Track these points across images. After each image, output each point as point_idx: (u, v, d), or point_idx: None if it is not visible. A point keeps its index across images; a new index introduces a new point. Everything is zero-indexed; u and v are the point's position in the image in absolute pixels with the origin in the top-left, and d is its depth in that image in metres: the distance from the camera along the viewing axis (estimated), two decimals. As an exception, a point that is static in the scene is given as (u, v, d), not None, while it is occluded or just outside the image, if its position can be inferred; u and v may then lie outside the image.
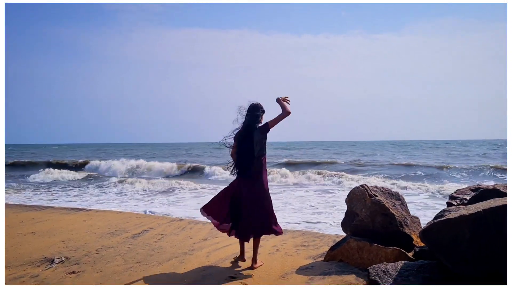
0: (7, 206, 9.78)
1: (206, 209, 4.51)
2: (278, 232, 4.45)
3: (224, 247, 5.40)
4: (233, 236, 4.57)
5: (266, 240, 5.82)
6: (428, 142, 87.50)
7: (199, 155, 38.86)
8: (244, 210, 4.34)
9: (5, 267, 4.56)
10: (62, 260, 4.79)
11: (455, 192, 4.93)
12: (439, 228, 3.29)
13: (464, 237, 3.12)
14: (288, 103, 4.33)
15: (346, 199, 5.10)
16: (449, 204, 4.58)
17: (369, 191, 4.79)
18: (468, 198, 4.54)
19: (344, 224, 5.06)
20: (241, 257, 4.68)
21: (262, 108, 4.46)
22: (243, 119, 4.44)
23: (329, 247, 4.89)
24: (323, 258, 4.79)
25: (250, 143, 4.31)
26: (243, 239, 4.52)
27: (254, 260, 4.44)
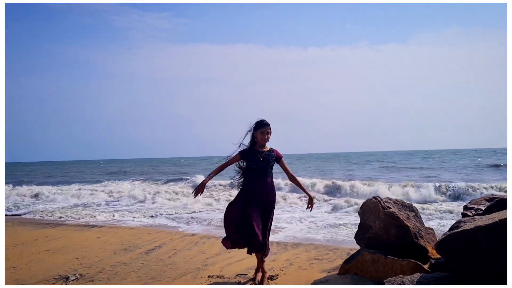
0: (21, 223, 9.87)
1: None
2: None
3: (237, 261, 5.38)
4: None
5: (279, 254, 5.80)
6: (437, 151, 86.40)
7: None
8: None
9: (21, 285, 4.60)
10: (77, 277, 4.81)
11: (469, 202, 4.88)
12: (455, 239, 3.25)
13: (481, 248, 3.08)
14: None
15: (359, 211, 5.07)
16: (464, 215, 4.53)
17: (382, 203, 4.76)
18: (483, 208, 4.48)
19: (358, 237, 5.03)
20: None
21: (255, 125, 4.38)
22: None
23: (343, 260, 4.85)
24: (337, 272, 4.75)
25: None
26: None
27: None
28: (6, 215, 11.93)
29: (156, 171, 38.79)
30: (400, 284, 3.49)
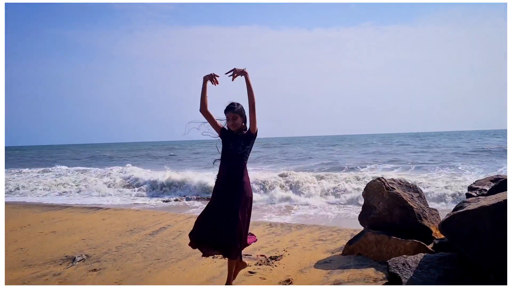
0: (27, 206, 9.97)
1: None
2: None
3: (241, 242, 5.42)
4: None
5: (283, 235, 5.84)
6: (446, 133, 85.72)
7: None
8: None
9: (28, 266, 4.66)
10: (83, 258, 4.87)
11: (474, 183, 4.86)
12: (459, 219, 3.24)
13: (484, 229, 3.07)
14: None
15: (363, 192, 5.08)
16: (468, 196, 4.52)
17: (386, 184, 4.76)
18: (487, 189, 4.46)
19: (362, 218, 5.04)
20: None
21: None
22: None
23: (347, 241, 4.87)
24: (341, 252, 4.78)
25: None
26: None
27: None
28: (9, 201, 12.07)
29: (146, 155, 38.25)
30: (403, 264, 3.51)
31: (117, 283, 4.00)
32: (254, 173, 13.13)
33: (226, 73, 3.49)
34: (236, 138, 3.54)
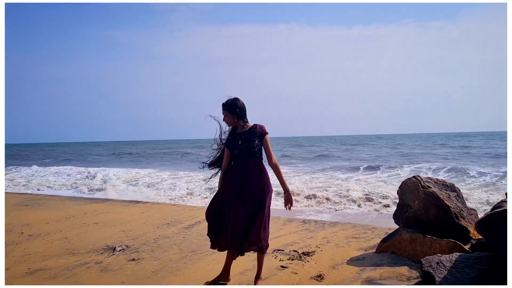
0: (71, 199, 10.46)
1: None
2: None
3: (275, 238, 5.49)
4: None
5: (317, 232, 5.85)
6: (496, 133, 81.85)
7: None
8: None
9: (72, 254, 4.93)
10: (123, 248, 5.09)
11: (515, 182, 4.69)
12: (496, 218, 3.17)
13: (523, 228, 2.99)
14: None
15: (397, 190, 5.02)
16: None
17: (422, 183, 4.69)
18: (529, 189, 4.31)
19: (396, 216, 4.99)
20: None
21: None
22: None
23: (381, 239, 4.83)
24: (374, 250, 4.75)
25: None
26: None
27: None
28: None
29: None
30: (437, 263, 3.46)
31: (154, 273, 4.16)
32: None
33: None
34: (242, 135, 3.66)
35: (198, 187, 11.75)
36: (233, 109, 3.65)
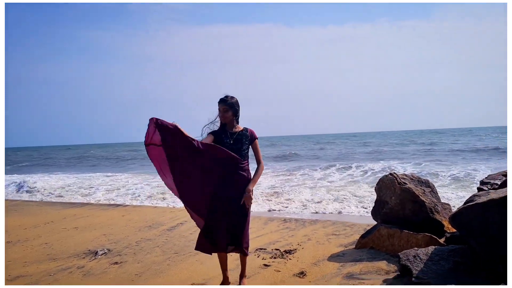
0: (48, 204, 10.28)
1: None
2: None
3: (257, 237, 5.57)
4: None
5: (297, 230, 5.96)
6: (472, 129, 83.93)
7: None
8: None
9: (53, 259, 4.88)
10: (105, 252, 5.07)
11: (486, 177, 4.90)
12: (469, 212, 3.32)
13: (493, 220, 3.15)
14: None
15: (375, 187, 5.16)
16: (479, 190, 4.57)
17: (398, 179, 4.84)
18: (499, 183, 4.51)
19: (374, 213, 5.13)
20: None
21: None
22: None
23: (360, 235, 4.97)
24: (354, 246, 4.88)
25: None
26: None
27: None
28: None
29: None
30: (414, 256, 3.61)
31: (138, 275, 4.18)
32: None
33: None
34: (234, 134, 3.67)
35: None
36: (234, 107, 3.66)
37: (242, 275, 3.77)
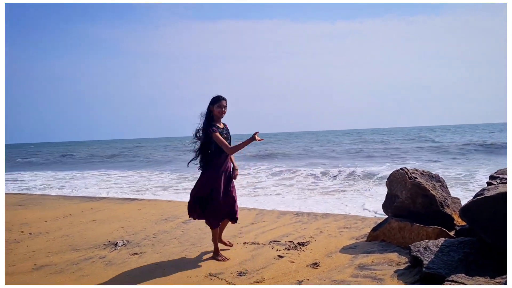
0: (66, 198, 10.55)
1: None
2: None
3: (270, 230, 5.72)
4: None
5: (310, 223, 6.10)
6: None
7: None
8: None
9: (75, 250, 5.09)
10: (125, 243, 5.27)
11: (495, 172, 4.98)
12: (478, 205, 3.43)
13: (501, 213, 3.26)
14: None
15: (386, 182, 5.28)
16: (489, 184, 4.66)
17: (409, 174, 4.95)
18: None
19: (385, 206, 5.25)
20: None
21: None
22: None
23: (371, 228, 5.10)
24: (365, 239, 5.01)
25: None
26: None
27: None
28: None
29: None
30: (425, 248, 3.73)
31: (157, 265, 4.36)
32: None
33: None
34: (224, 130, 4.44)
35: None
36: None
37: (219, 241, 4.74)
